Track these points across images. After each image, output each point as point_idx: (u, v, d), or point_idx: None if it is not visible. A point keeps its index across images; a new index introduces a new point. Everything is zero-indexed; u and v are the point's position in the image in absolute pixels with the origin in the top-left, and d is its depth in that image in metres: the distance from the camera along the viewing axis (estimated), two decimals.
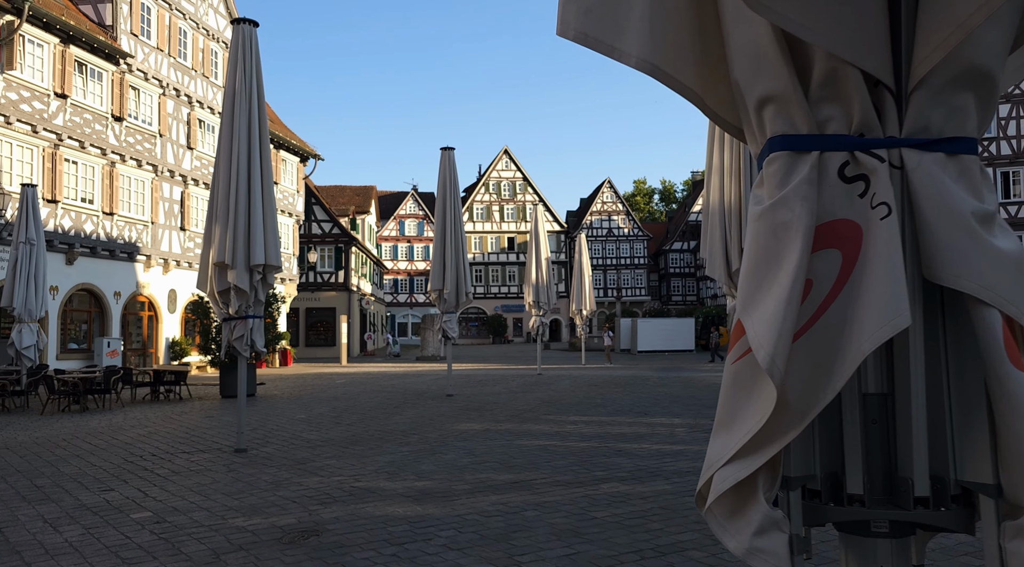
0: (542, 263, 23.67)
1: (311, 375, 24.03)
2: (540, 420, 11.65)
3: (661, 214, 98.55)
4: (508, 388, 17.90)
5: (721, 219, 7.90)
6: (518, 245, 69.45)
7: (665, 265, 79.03)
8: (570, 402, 14.33)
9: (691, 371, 24.60)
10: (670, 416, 11.99)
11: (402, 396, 16.12)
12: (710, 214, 8.04)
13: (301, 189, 34.12)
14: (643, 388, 17.52)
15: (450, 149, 16.67)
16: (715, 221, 7.94)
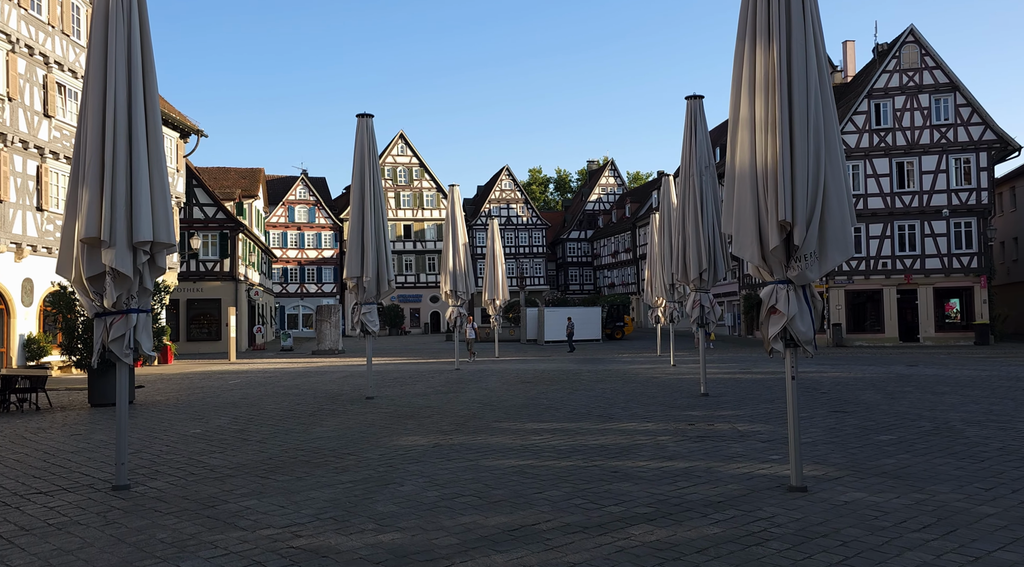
0: (459, 249, 21.83)
1: (197, 374, 21.21)
2: (494, 429, 9.88)
3: (557, 203, 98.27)
4: (432, 387, 16.00)
5: (753, 185, 6.35)
6: (415, 233, 67.05)
7: (563, 254, 78.60)
8: (514, 404, 12.62)
9: (615, 362, 23.44)
10: (638, 420, 10.50)
11: (313, 399, 13.94)
12: (737, 179, 6.48)
13: (181, 168, 30.66)
14: (581, 384, 16.05)
15: (368, 116, 14.56)
16: (745, 187, 6.38)
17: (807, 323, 6.28)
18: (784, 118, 6.15)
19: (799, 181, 6.11)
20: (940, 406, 11.40)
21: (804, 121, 6.15)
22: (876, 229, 35.01)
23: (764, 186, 6.26)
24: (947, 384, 14.73)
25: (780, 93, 6.17)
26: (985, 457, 7.47)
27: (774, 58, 6.25)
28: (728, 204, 6.60)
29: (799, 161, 6.13)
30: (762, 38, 6.36)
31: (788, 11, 6.26)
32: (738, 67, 6.57)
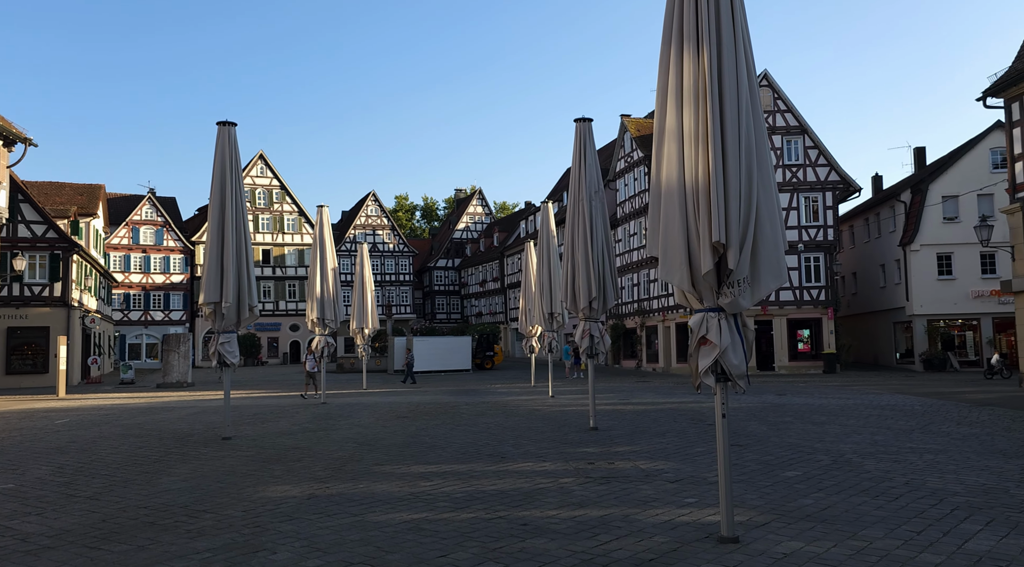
0: (328, 274, 20.40)
1: (16, 413, 18.46)
2: (376, 475, 8.76)
3: (424, 231, 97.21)
4: (298, 424, 14.53)
5: (681, 202, 5.77)
6: (274, 258, 63.84)
7: (430, 282, 77.49)
8: (394, 443, 11.49)
9: (491, 394, 22.66)
10: (533, 459, 9.71)
11: (159, 441, 12.18)
12: (664, 196, 5.89)
13: (4, 179, 27.22)
14: (462, 418, 15.11)
15: (230, 124, 13.14)
16: (673, 205, 5.79)
17: (739, 355, 5.74)
18: (716, 130, 5.63)
19: (732, 200, 5.60)
20: (827, 437, 11.39)
21: (736, 134, 5.66)
22: None
23: (695, 204, 5.70)
24: (821, 413, 14.99)
25: (711, 103, 5.65)
26: (898, 495, 7.23)
27: (704, 65, 5.74)
28: (653, 223, 6.00)
29: (731, 178, 5.62)
30: (690, 44, 5.85)
31: (718, 16, 5.79)
32: (664, 74, 6.02)
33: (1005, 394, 19.36)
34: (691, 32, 5.85)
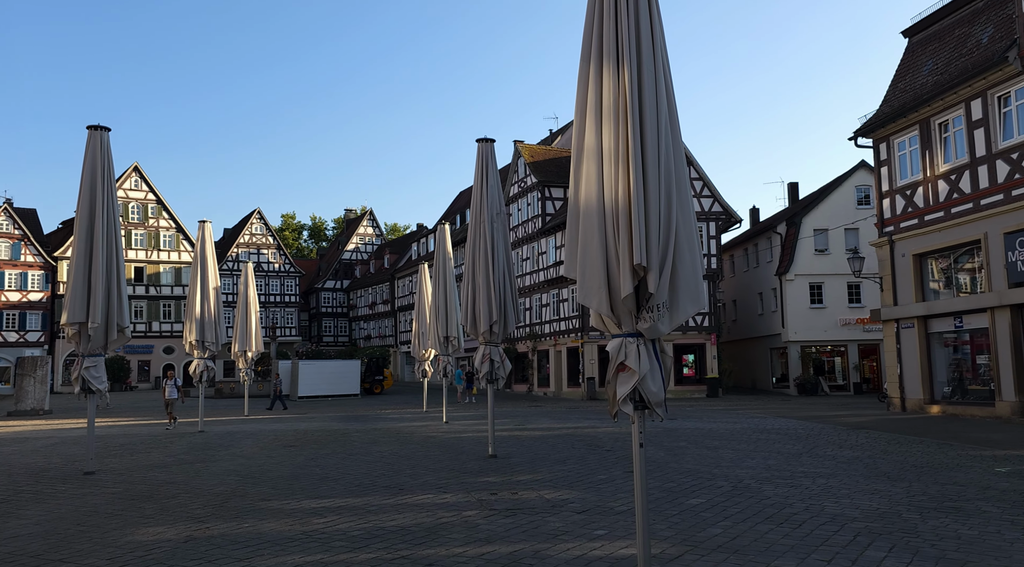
0: (209, 294, 19.17)
1: None
2: (262, 511, 8.04)
3: (311, 251, 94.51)
4: (173, 456, 13.40)
5: (600, 223, 5.57)
6: (148, 276, 60.20)
7: (317, 304, 75.23)
8: (282, 475, 10.72)
9: (383, 420, 21.89)
10: (433, 490, 9.24)
11: (8, 478, 10.87)
12: (583, 216, 5.67)
13: None
14: (354, 446, 14.40)
15: (102, 129, 12.08)
16: (592, 226, 5.57)
17: (658, 382, 5.55)
18: (636, 149, 5.47)
19: (652, 221, 5.45)
20: (723, 462, 11.51)
21: (656, 154, 5.53)
22: None
23: (614, 225, 5.50)
24: (713, 438, 15.26)
25: (632, 121, 5.51)
26: (800, 521, 7.26)
27: (624, 83, 5.60)
28: (571, 245, 5.75)
29: (652, 199, 5.48)
30: (610, 61, 5.69)
31: (638, 33, 5.67)
32: (583, 91, 5.84)
33: (875, 417, 20.45)
34: (611, 49, 5.71)
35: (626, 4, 5.70)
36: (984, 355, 19.29)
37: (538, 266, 42.57)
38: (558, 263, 40.09)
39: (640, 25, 5.69)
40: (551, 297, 41.23)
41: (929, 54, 21.63)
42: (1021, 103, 17.75)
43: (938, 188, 20.13)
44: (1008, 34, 18.22)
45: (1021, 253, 17.39)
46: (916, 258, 21.01)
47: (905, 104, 21.16)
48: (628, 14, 5.68)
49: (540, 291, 42.18)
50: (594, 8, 5.88)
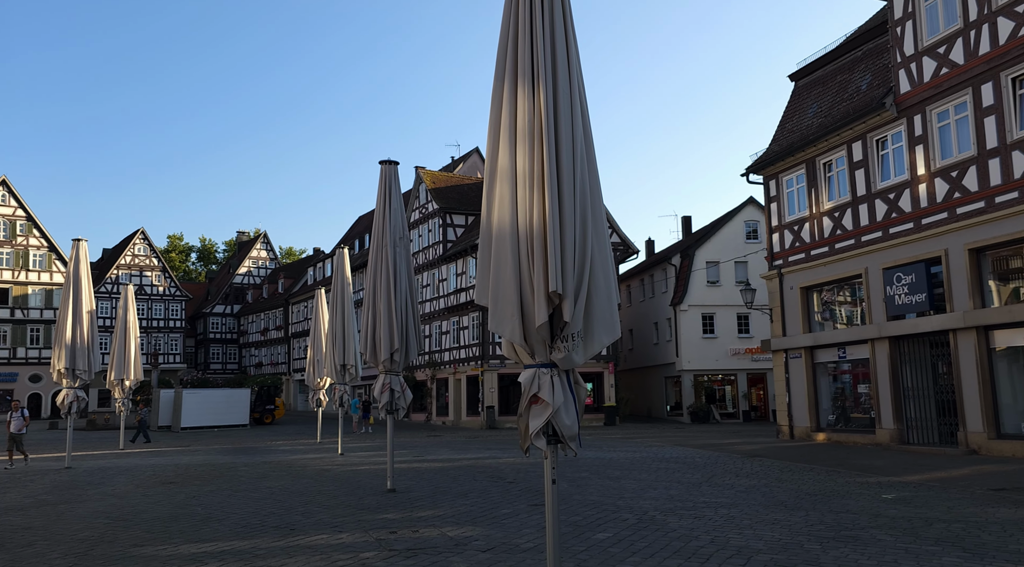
0: (82, 317, 17.74)
1: None
2: (134, 559, 7.25)
3: (200, 274, 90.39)
4: (32, 496, 12.13)
5: (514, 248, 5.32)
6: (14, 298, 55.81)
7: (204, 330, 71.78)
8: (158, 516, 9.81)
9: (274, 453, 20.79)
10: (328, 530, 8.64)
11: None
12: (495, 241, 5.40)
13: None
14: (241, 482, 13.48)
15: None
16: (505, 251, 5.31)
17: (572, 415, 5.31)
18: (552, 172, 5.28)
19: (568, 247, 5.25)
20: (626, 493, 11.41)
21: (571, 177, 5.34)
22: None
23: (528, 250, 5.27)
24: (614, 467, 15.21)
25: (547, 143, 5.31)
26: (708, 555, 7.16)
27: (540, 102, 5.41)
28: (483, 270, 5.48)
29: (567, 223, 5.28)
30: (525, 80, 5.50)
31: (553, 53, 5.52)
32: (496, 111, 5.61)
33: (766, 445, 21.07)
34: (526, 69, 5.52)
35: (541, 24, 5.54)
36: (865, 385, 20.26)
37: (438, 293, 42.13)
38: (459, 290, 39.80)
39: (556, 45, 5.53)
40: (451, 325, 40.81)
41: (814, 97, 22.87)
42: (897, 146, 18.94)
43: (823, 224, 21.16)
44: (884, 82, 19.47)
45: (899, 288, 18.43)
46: (803, 291, 21.95)
47: (793, 144, 22.23)
48: (544, 34, 5.52)
49: (440, 319, 41.70)
50: (509, 27, 5.69)
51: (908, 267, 18.20)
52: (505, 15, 5.73)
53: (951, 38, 17.35)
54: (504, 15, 5.75)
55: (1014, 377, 16.30)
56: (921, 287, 17.81)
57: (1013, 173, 15.78)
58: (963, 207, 16.90)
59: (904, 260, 18.30)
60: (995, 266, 16.67)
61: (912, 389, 18.59)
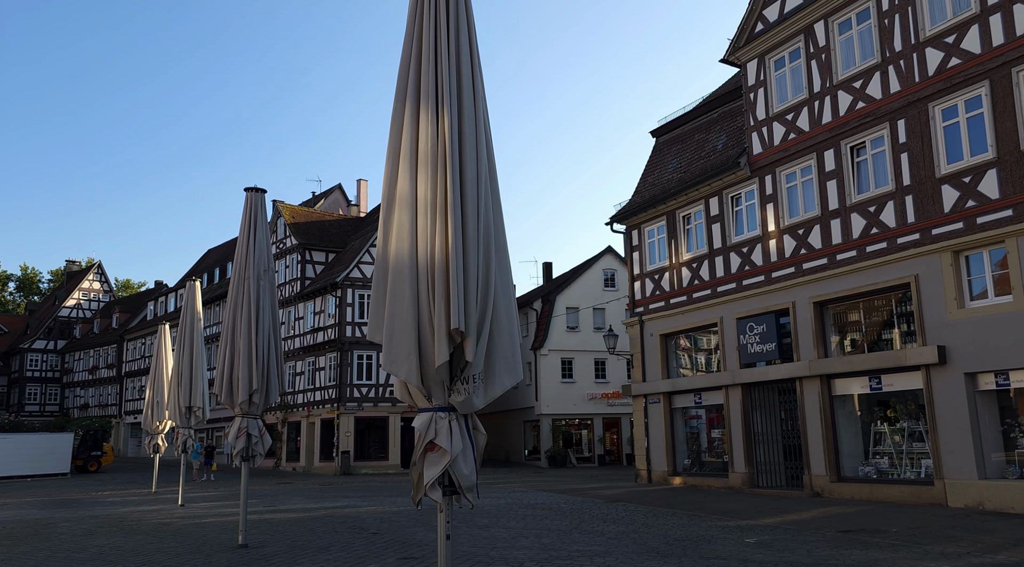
0: None
1: None
2: None
3: (18, 306, 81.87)
4: None
5: (413, 281, 4.90)
6: None
7: (20, 367, 64.76)
8: None
9: (101, 505, 18.63)
10: None
11: None
12: (392, 272, 4.95)
13: None
14: (61, 542, 11.82)
15: None
16: (403, 284, 4.88)
17: (470, 464, 4.90)
18: (456, 200, 4.95)
19: (471, 281, 4.90)
20: (498, 543, 10.98)
21: (475, 207, 5.03)
22: None
23: (429, 284, 4.87)
24: (481, 515, 14.74)
25: (451, 169, 4.98)
26: None
27: (444, 126, 5.09)
28: (377, 305, 5.00)
29: (471, 256, 4.95)
30: (428, 104, 5.17)
31: (459, 75, 5.23)
32: (396, 135, 5.22)
33: (626, 489, 21.33)
34: (429, 91, 5.19)
35: (447, 45, 5.25)
36: (719, 430, 21.06)
37: (294, 331, 40.32)
38: (316, 330, 38.26)
39: (461, 66, 5.25)
40: (307, 365, 39.07)
41: (674, 153, 24.04)
42: (750, 204, 20.15)
43: (682, 274, 22.06)
44: (739, 143, 20.76)
45: (751, 337, 19.40)
46: (663, 338, 22.68)
47: (654, 196, 23.17)
48: (449, 55, 5.23)
49: (295, 358, 39.84)
50: (411, 46, 5.36)
51: (760, 318, 19.23)
52: (408, 35, 5.40)
53: (798, 106, 18.79)
54: (407, 35, 5.43)
55: (852, 423, 17.44)
56: (771, 337, 18.84)
57: (852, 233, 17.12)
58: (809, 263, 18.13)
59: (756, 311, 19.33)
60: (836, 319, 17.93)
61: (762, 434, 19.49)
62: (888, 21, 16.75)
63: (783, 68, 19.44)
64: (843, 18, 17.90)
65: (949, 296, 15.07)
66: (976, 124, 14.93)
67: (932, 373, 15.26)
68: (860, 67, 17.29)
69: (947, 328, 15.08)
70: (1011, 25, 14.41)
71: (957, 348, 14.88)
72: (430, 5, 5.33)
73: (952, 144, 15.39)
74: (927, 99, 15.79)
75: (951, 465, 14.84)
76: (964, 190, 14.97)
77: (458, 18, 5.35)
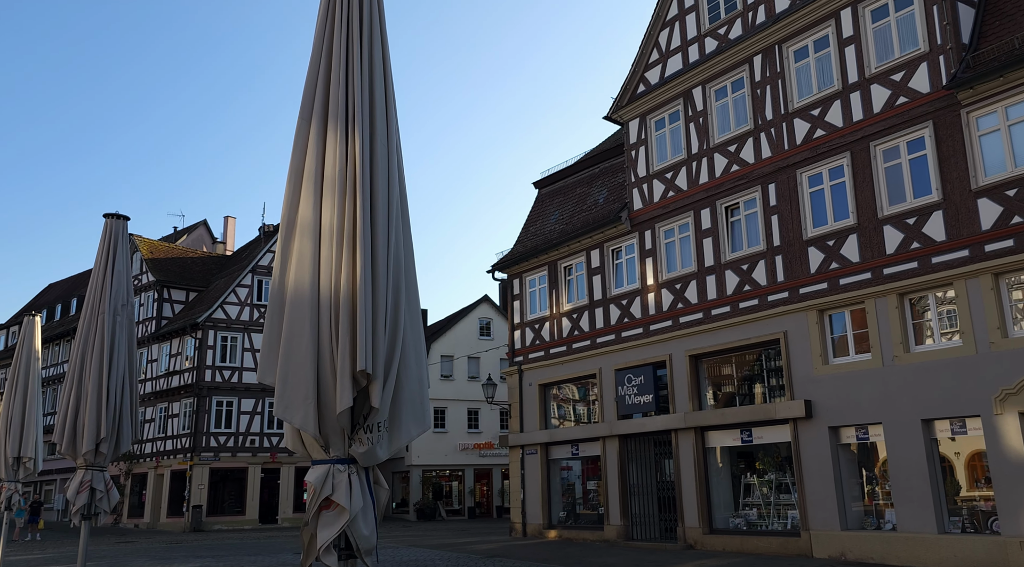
0: None
1: None
2: None
3: None
4: None
5: (313, 316, 4.35)
6: None
7: None
8: None
9: None
10: None
11: None
12: (290, 306, 4.38)
13: None
14: None
15: None
16: (302, 319, 4.32)
17: (371, 523, 4.34)
18: (366, 228, 4.48)
19: (380, 319, 4.42)
20: None
21: (385, 237, 4.59)
22: (248, 404, 34.36)
23: (332, 319, 4.35)
24: None
25: (362, 194, 4.54)
26: None
27: (356, 147, 4.64)
28: (270, 343, 4.41)
29: (380, 291, 4.48)
30: (337, 122, 4.71)
31: (371, 92, 4.83)
32: (300, 154, 4.71)
33: (501, 543, 20.77)
34: (338, 111, 4.74)
35: (359, 61, 4.84)
36: (594, 481, 21.01)
37: (147, 375, 37.37)
38: (171, 373, 35.63)
39: (374, 85, 4.86)
40: (158, 412, 36.20)
41: (556, 205, 24.39)
42: (630, 257, 20.61)
43: (562, 324, 22.16)
44: (620, 198, 21.32)
45: (629, 388, 19.62)
46: (541, 388, 22.58)
47: (537, 246, 23.31)
48: (361, 72, 4.82)
49: (146, 404, 36.83)
50: (320, 62, 4.92)
51: (638, 369, 19.51)
52: (316, 48, 4.96)
53: (677, 166, 19.55)
54: (314, 50, 4.98)
55: (724, 475, 17.84)
56: (648, 389, 19.11)
57: (727, 289, 17.78)
58: (685, 317, 18.64)
59: (634, 363, 19.60)
60: (710, 372, 18.44)
61: (637, 486, 19.59)
62: (760, 91, 17.82)
63: (663, 128, 20.24)
64: (719, 85, 18.91)
65: (815, 352, 15.83)
66: (839, 191, 15.99)
67: (799, 426, 15.88)
68: (735, 132, 18.24)
69: (813, 383, 15.79)
70: (869, 102, 15.65)
71: (822, 402, 15.58)
72: (341, 19, 4.93)
73: (818, 209, 16.39)
74: (795, 166, 16.81)
75: (816, 516, 15.38)
76: (828, 252, 15.91)
77: (372, 33, 4.98)
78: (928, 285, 14.34)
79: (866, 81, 15.75)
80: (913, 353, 14.40)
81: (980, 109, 14.04)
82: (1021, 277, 13.39)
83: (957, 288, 13.91)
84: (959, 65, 14.34)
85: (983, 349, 13.41)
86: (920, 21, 15.07)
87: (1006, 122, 13.71)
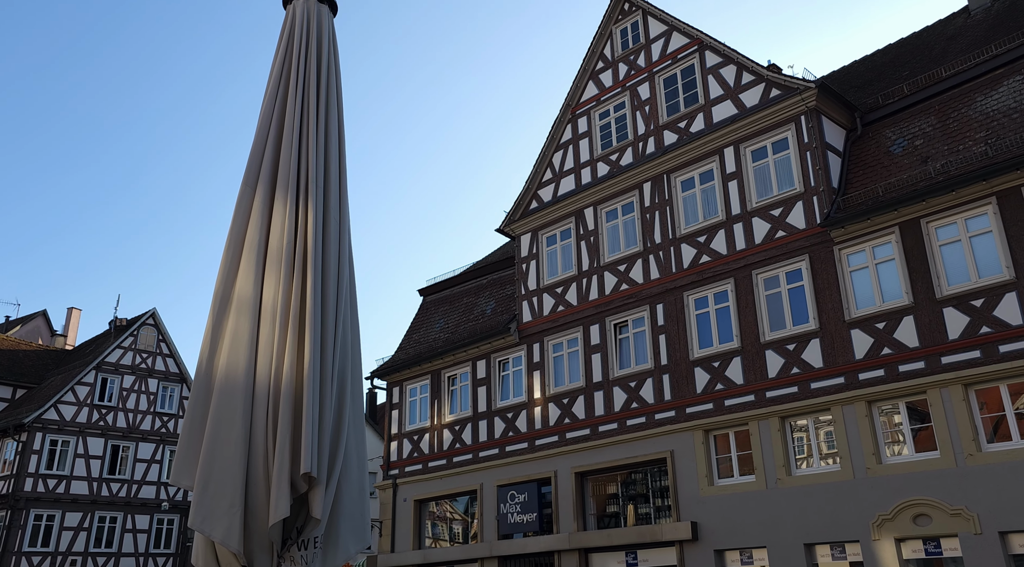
0: None
1: None
2: None
3: None
4: None
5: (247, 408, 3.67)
6: None
7: None
8: None
9: None
10: None
11: None
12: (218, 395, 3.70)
13: None
14: None
15: None
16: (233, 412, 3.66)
17: None
18: (316, 310, 3.93)
19: (326, 412, 3.81)
20: None
21: (333, 322, 4.05)
22: (74, 519, 30.38)
23: (271, 412, 3.69)
24: None
25: (312, 272, 4.01)
26: None
27: (309, 219, 4.15)
28: (190, 438, 3.67)
29: (327, 380, 3.88)
30: (287, 191, 4.23)
31: (326, 161, 4.40)
32: (241, 223, 4.16)
33: None
34: (288, 178, 4.27)
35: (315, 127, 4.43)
36: None
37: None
38: None
39: (329, 152, 4.45)
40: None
41: (441, 314, 23.98)
42: (518, 370, 20.33)
43: (443, 436, 21.27)
44: (509, 310, 21.25)
45: (512, 506, 18.84)
46: (417, 504, 21.31)
47: (420, 354, 22.62)
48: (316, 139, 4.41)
49: None
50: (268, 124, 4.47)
51: (521, 486, 18.83)
52: (266, 109, 4.51)
53: (567, 281, 19.81)
54: (264, 111, 4.54)
55: None
56: (532, 507, 18.42)
57: (614, 406, 17.75)
58: (572, 432, 18.35)
59: (518, 479, 18.93)
60: (596, 490, 18.06)
61: None
62: (649, 216, 18.60)
63: (555, 244, 20.61)
64: (610, 208, 19.62)
65: (701, 473, 15.87)
66: (724, 315, 16.61)
67: (685, 549, 15.64)
68: (624, 252, 18.80)
69: (699, 504, 15.73)
70: (751, 233, 16.61)
71: (708, 525, 15.48)
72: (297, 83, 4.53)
73: (703, 331, 16.89)
74: (682, 289, 17.40)
75: None
76: (713, 373, 16.30)
77: (328, 99, 4.60)
78: (807, 410, 14.87)
79: (748, 213, 16.78)
80: (795, 476, 14.71)
81: (850, 247, 15.18)
82: (891, 404, 14.15)
83: (834, 414, 14.49)
84: (831, 206, 15.58)
85: (860, 474, 13.87)
86: (795, 164, 16.38)
87: (873, 260, 14.87)
